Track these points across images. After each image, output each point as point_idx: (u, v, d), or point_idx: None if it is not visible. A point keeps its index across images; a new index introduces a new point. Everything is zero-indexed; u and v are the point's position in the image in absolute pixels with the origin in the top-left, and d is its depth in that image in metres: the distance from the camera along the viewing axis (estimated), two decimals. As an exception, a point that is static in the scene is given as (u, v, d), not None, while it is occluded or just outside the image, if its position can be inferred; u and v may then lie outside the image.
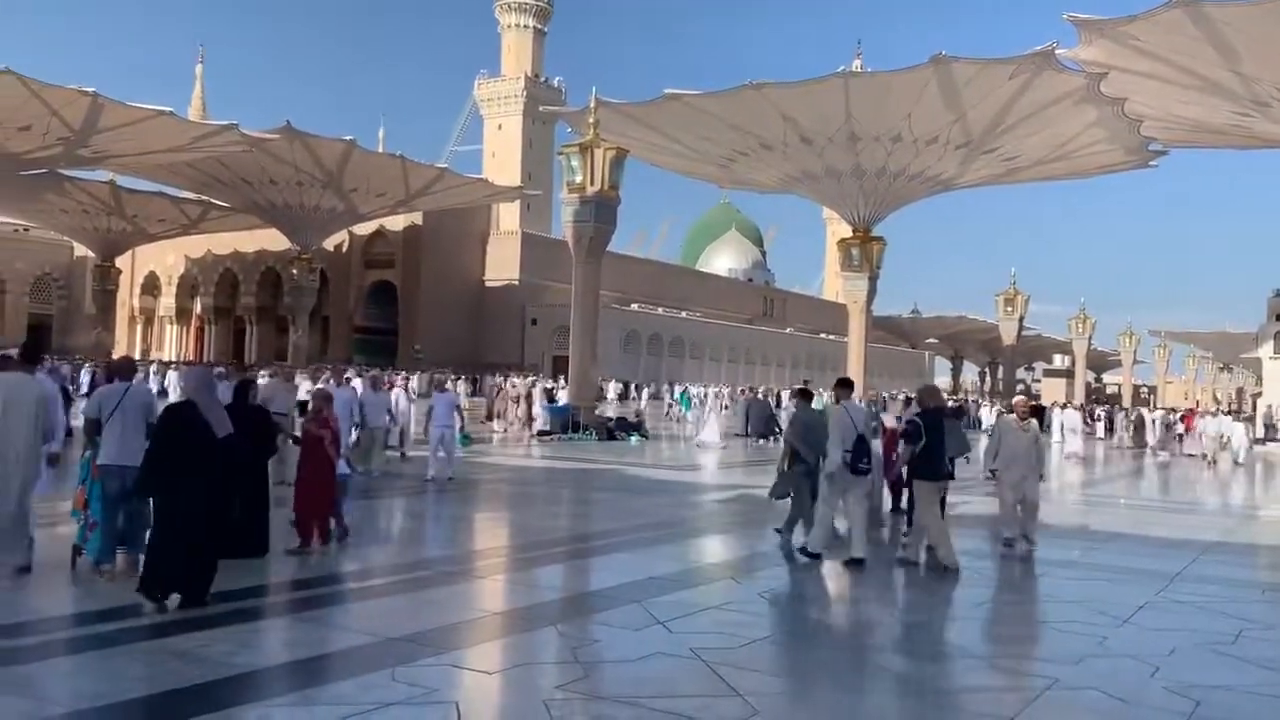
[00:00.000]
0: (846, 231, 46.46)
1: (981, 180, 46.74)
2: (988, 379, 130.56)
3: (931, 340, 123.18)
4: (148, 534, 7.66)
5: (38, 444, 7.95)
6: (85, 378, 33.99)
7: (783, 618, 7.87)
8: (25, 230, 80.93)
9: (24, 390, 7.91)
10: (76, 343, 77.23)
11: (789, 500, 11.17)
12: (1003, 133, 39.15)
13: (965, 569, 9.75)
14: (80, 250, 79.54)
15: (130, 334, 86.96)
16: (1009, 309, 70.84)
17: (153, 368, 44.52)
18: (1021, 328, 73.99)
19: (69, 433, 11.17)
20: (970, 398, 75.96)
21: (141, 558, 7.57)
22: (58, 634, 6.61)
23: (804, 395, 11.61)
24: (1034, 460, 11.28)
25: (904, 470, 11.07)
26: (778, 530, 11.20)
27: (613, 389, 48.93)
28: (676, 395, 49.23)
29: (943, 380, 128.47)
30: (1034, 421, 12.00)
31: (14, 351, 8.63)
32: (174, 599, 7.01)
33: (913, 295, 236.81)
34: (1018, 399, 14.03)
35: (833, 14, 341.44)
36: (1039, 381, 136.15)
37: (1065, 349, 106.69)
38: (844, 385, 10.82)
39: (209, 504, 7.34)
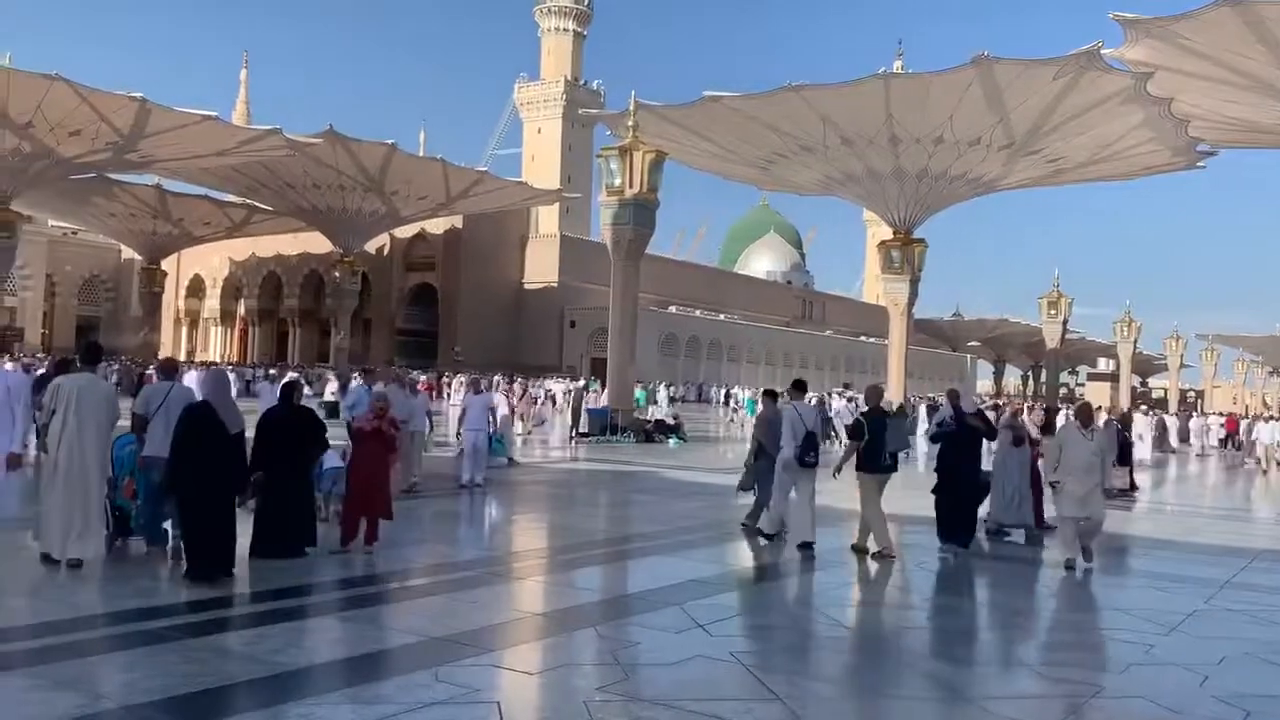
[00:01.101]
0: (887, 233, 46.13)
1: (1025, 182, 46.21)
2: (1030, 383, 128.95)
3: (973, 343, 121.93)
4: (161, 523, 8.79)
5: (108, 438, 8.62)
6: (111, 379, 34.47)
7: (824, 622, 7.82)
8: (74, 233, 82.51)
9: (94, 389, 8.53)
10: (124, 343, 78.59)
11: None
12: (1047, 134, 38.68)
13: (1007, 574, 9.66)
14: (127, 253, 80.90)
15: (176, 335, 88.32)
16: (1052, 312, 69.93)
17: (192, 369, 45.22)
18: (1065, 331, 73.05)
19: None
20: (1011, 401, 74.97)
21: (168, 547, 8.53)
22: (108, 630, 6.73)
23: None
24: (1098, 473, 10.39)
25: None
26: (744, 524, 11.83)
27: (664, 393, 48.51)
28: (742, 399, 47.33)
29: (984, 384, 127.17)
30: (1100, 429, 11.50)
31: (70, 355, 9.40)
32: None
33: (954, 298, 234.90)
34: (1082, 402, 13.57)
35: (872, 16, 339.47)
36: (1083, 385, 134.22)
37: (1110, 352, 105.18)
38: (797, 387, 11.74)
39: (227, 492, 8.19)
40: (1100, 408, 38.92)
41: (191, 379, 18.64)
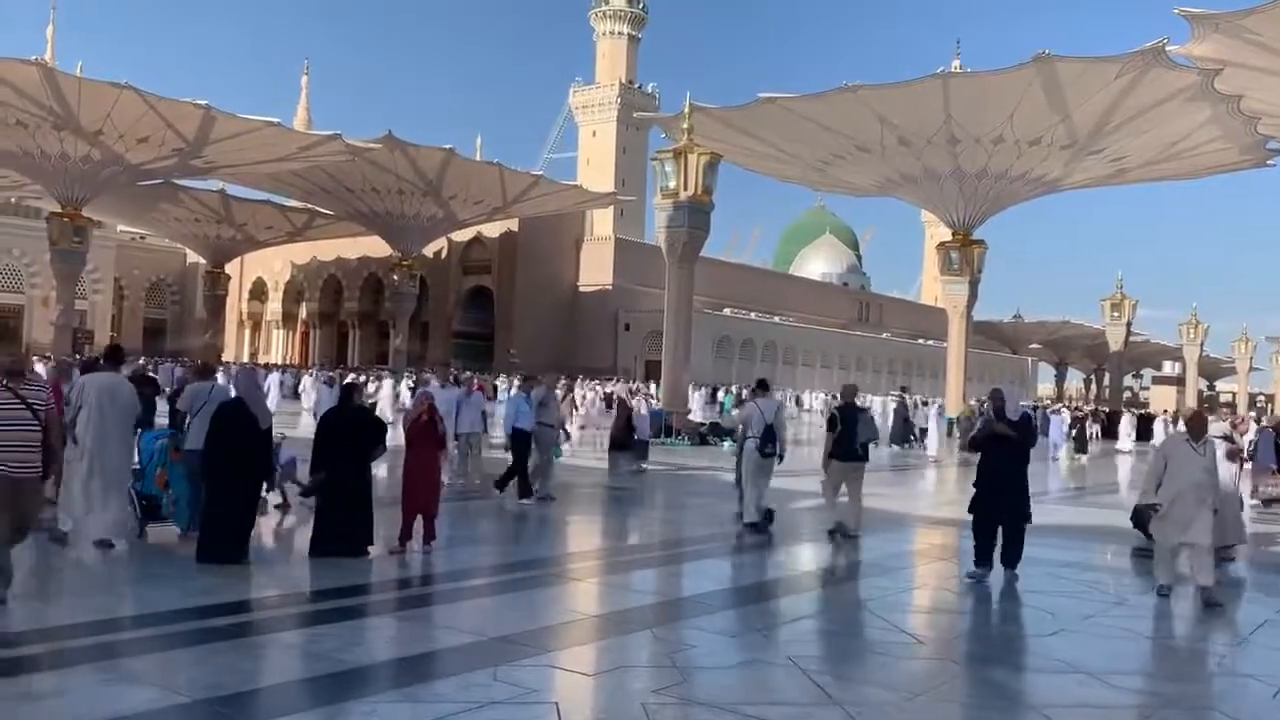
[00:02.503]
0: (946, 234, 45.56)
1: (1087, 182, 45.34)
2: (1093, 386, 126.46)
3: (1034, 346, 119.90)
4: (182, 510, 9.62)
5: (130, 432, 9.55)
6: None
7: (882, 627, 7.74)
8: (142, 238, 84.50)
9: (117, 387, 9.42)
10: (189, 345, 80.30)
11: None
12: (1110, 132, 37.92)
13: (1074, 581, 9.47)
14: (193, 257, 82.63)
15: (239, 338, 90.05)
16: (1115, 314, 68.43)
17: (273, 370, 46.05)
18: (1129, 333, 71.46)
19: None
20: (1071, 405, 73.51)
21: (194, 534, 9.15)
22: (174, 626, 6.88)
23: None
24: (1206, 492, 8.89)
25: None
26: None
27: (720, 395, 48.23)
28: (814, 404, 46.06)
29: (1046, 387, 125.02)
30: (1215, 442, 9.75)
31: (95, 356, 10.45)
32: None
33: (1014, 299, 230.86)
34: (1190, 410, 11.33)
35: (929, 16, 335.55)
36: (1147, 389, 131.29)
37: (1175, 355, 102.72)
38: (761, 385, 13.17)
39: (253, 482, 8.97)
40: (1232, 414, 36.39)
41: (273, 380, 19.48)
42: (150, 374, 19.82)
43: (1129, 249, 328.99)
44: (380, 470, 11.82)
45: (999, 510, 9.62)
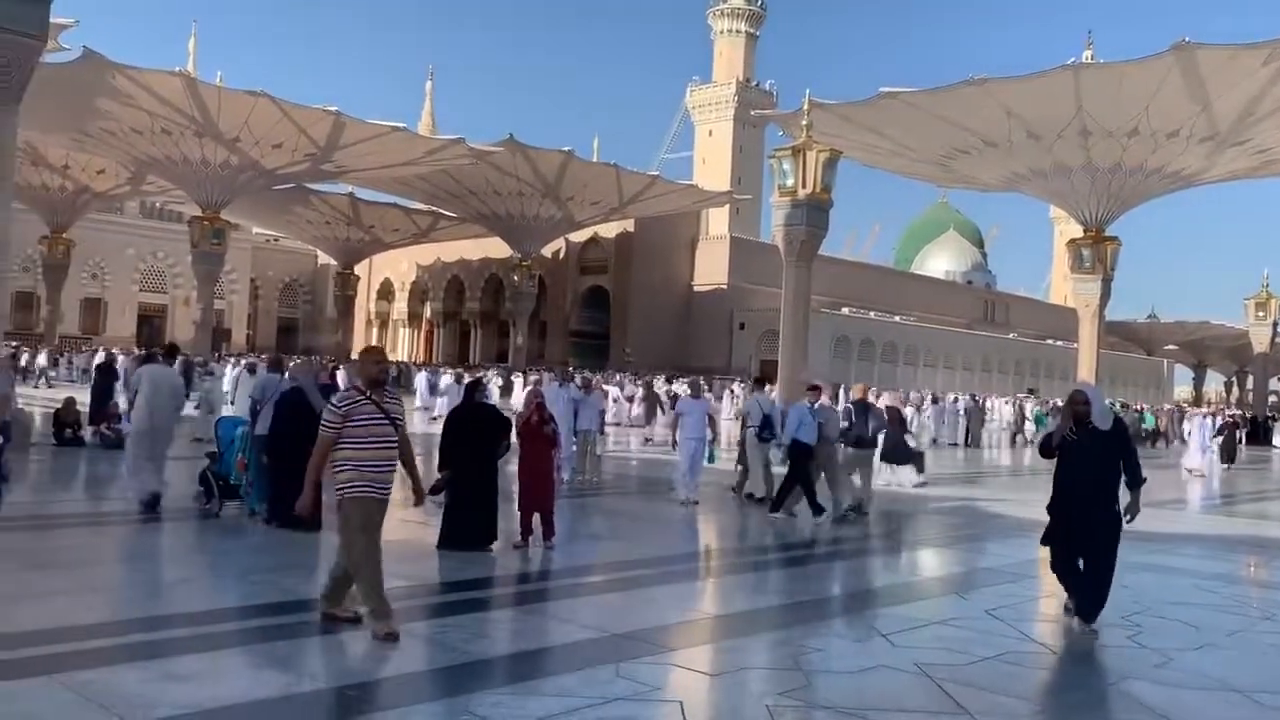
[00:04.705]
0: (1076, 231, 43.91)
1: (1229, 175, 43.11)
2: (1235, 390, 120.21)
3: (1170, 347, 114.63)
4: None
5: (175, 416, 11.26)
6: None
7: (1015, 636, 7.49)
8: (276, 240, 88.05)
9: (166, 377, 11.21)
10: (320, 344, 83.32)
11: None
12: (1255, 123, 35.98)
13: (1220, 593, 9.01)
14: (323, 258, 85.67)
15: (367, 336, 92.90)
16: (1260, 314, 64.84)
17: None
18: (1275, 334, 67.68)
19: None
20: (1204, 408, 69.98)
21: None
22: (311, 614, 7.14)
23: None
24: None
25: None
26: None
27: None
28: (1029, 411, 41.18)
29: (1183, 390, 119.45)
30: None
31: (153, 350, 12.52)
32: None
33: (1150, 298, 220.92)
34: None
35: (1055, 10, 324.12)
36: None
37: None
38: (758, 383, 16.17)
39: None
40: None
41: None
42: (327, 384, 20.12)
43: (1275, 245, 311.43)
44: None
45: (1075, 546, 7.61)
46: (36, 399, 27.25)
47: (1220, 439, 30.40)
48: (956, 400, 39.93)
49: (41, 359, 41.66)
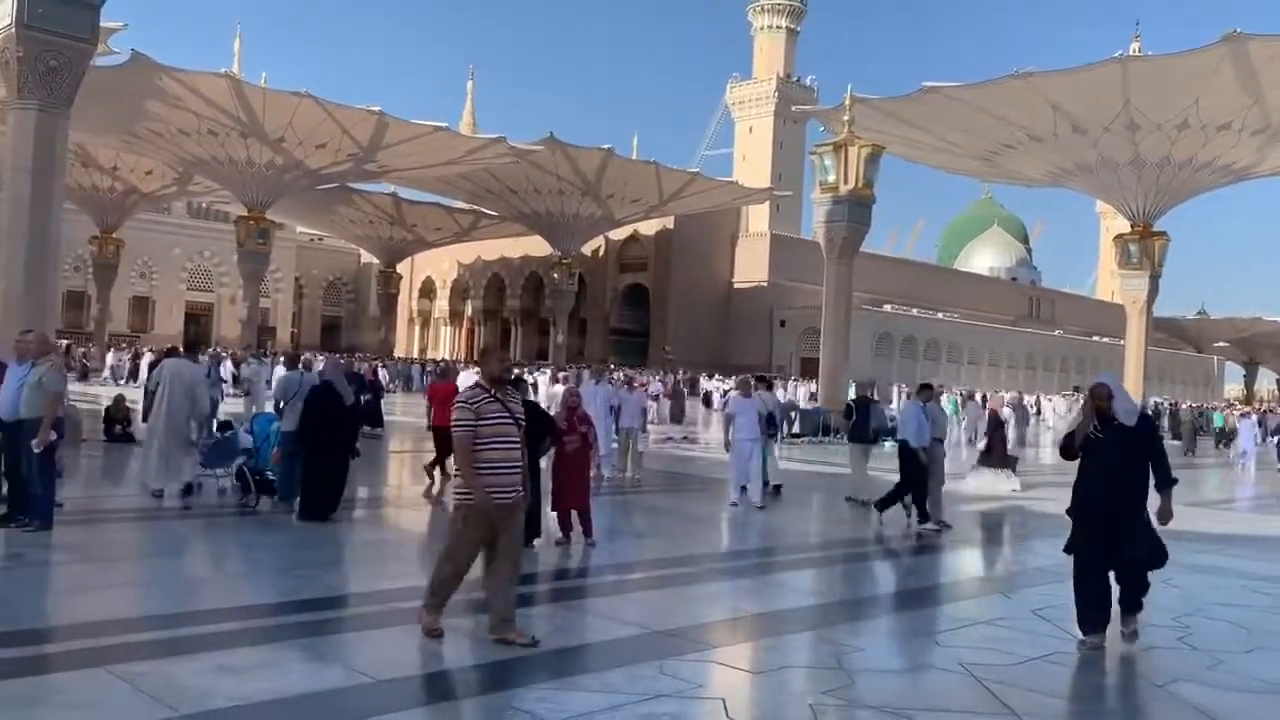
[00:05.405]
0: (1123, 226, 43.31)
1: (1282, 168, 42.29)
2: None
3: (1221, 344, 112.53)
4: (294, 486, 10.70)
5: (188, 410, 11.45)
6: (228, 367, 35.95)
7: (1062, 637, 7.40)
8: (320, 239, 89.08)
9: (184, 371, 11.61)
10: (363, 341, 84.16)
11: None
12: (1310, 114, 35.28)
13: (1271, 595, 8.84)
14: (366, 257, 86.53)
15: (409, 334, 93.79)
16: (1315, 310, 63.58)
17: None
18: (1330, 330, 66.28)
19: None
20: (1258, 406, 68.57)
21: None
22: (357, 609, 7.24)
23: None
24: None
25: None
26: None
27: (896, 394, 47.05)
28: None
29: (1234, 388, 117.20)
30: None
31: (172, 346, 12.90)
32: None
33: (1199, 294, 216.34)
34: None
35: (1099, 4, 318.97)
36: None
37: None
38: (760, 380, 16.28)
39: (343, 451, 10.57)
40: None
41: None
42: (358, 371, 19.62)
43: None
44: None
45: (1101, 550, 6.93)
46: (93, 397, 27.76)
47: (1278, 439, 29.85)
48: (974, 397, 39.45)
49: (111, 357, 42.91)
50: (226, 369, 34.02)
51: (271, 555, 8.92)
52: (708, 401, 45.95)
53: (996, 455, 17.68)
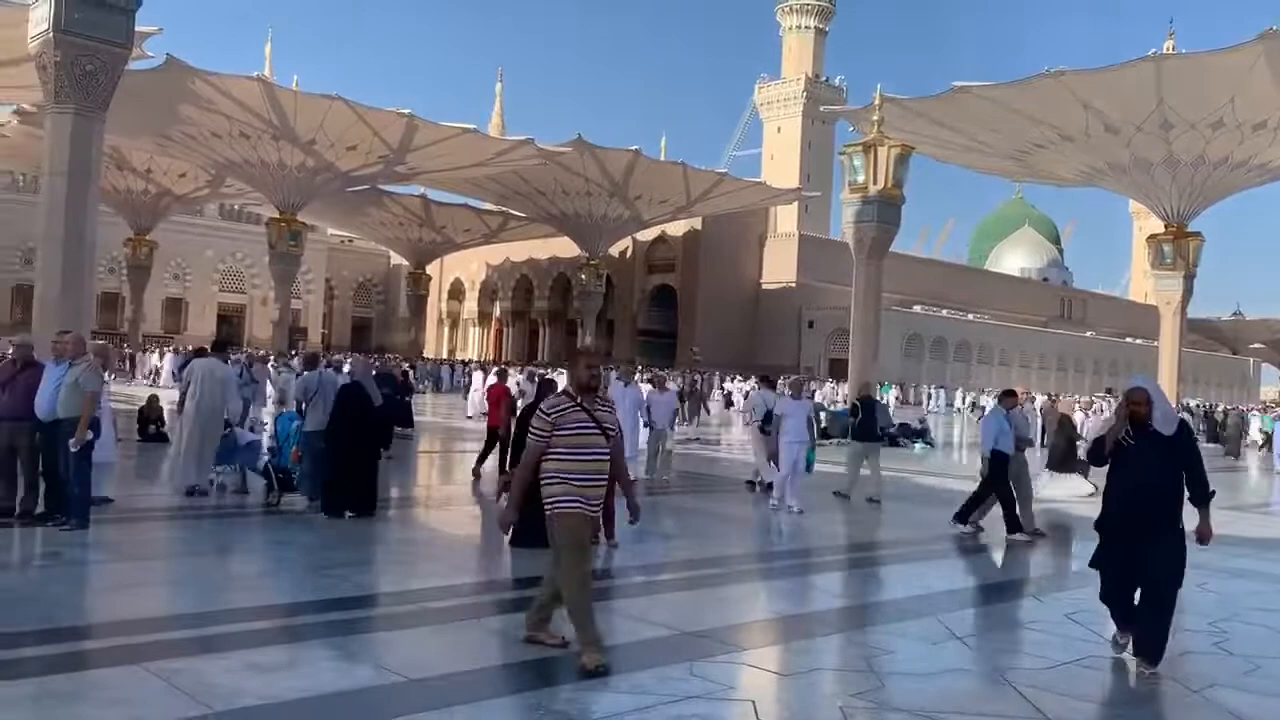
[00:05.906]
0: (1157, 226, 42.71)
1: (1321, 167, 41.58)
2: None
3: (1257, 345, 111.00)
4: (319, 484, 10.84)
5: (221, 408, 11.73)
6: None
7: (1095, 641, 7.32)
8: (350, 241, 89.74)
9: (215, 370, 11.83)
10: (393, 342, 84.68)
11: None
12: (1350, 112, 34.67)
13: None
14: (396, 258, 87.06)
15: (438, 335, 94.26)
16: (1354, 311, 62.58)
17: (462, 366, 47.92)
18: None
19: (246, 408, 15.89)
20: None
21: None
22: (387, 609, 7.27)
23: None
24: None
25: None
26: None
27: (958, 398, 46.38)
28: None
29: (1270, 390, 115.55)
30: None
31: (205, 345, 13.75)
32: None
33: (1235, 295, 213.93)
34: None
35: (1130, 4, 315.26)
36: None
37: None
38: (764, 380, 17.49)
39: (372, 449, 10.78)
40: None
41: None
42: (390, 372, 19.66)
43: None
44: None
45: (1125, 566, 6.51)
46: (130, 397, 28.08)
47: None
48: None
49: (155, 358, 43.52)
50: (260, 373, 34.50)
51: (303, 554, 8.99)
52: (729, 402, 46.55)
53: (1068, 461, 17.15)
